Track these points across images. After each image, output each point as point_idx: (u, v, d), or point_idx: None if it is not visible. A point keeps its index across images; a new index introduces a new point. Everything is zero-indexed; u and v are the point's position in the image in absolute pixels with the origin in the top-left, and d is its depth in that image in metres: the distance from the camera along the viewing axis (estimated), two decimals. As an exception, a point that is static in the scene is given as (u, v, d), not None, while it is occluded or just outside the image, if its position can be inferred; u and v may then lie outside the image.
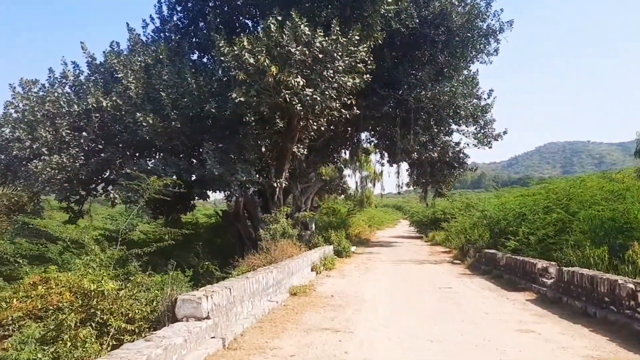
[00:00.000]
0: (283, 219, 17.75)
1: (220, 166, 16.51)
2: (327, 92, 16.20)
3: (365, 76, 17.21)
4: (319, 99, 16.06)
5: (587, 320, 8.21)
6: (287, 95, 15.65)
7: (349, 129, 27.73)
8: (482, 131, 26.02)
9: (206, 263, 17.78)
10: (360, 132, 27.96)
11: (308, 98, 15.86)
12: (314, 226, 24.18)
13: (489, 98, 26.18)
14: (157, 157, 19.07)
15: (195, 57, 23.71)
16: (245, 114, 16.77)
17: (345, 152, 31.05)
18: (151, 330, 6.56)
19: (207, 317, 6.48)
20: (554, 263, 12.04)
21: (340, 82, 16.65)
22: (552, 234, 16.09)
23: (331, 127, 25.54)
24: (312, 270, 14.86)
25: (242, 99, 15.56)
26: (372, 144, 31.61)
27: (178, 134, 17.15)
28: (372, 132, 29.85)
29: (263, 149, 21.18)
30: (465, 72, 25.71)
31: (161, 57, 18.72)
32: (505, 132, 26.60)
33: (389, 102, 24.08)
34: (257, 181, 18.89)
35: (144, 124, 16.51)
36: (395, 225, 64.93)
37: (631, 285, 7.65)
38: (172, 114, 16.65)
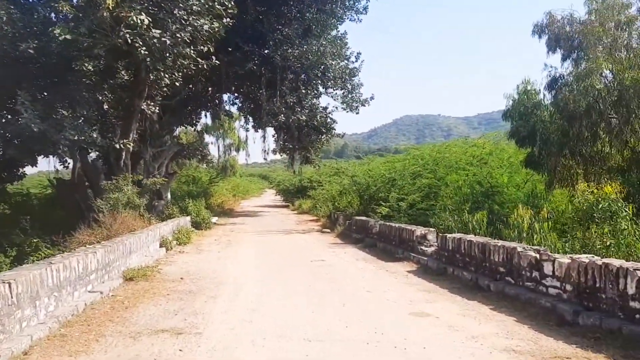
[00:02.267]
0: (128, 186, 14.80)
1: (42, 122, 13.03)
2: (178, 35, 13.46)
3: (225, 20, 14.71)
4: (168, 42, 13.27)
5: (483, 295, 6.96)
6: (128, 36, 12.63)
7: (210, 88, 24.94)
8: (350, 95, 24.92)
9: (35, 240, 14.43)
10: (223, 92, 25.22)
11: (155, 41, 12.99)
12: (169, 195, 21.30)
13: (356, 61, 25.13)
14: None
15: None
16: (74, 57, 13.39)
17: (206, 115, 28.19)
18: None
19: (-47, 337, 3.91)
20: (432, 229, 10.97)
21: (196, 25, 13.99)
22: (419, 199, 15.43)
23: (190, 86, 22.61)
24: (161, 246, 12.31)
25: (68, 36, 12.23)
26: (236, 107, 29.08)
27: (-17, 80, 13.24)
28: (236, 94, 27.31)
29: (106, 106, 17.77)
30: (333, 32, 24.24)
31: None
32: (372, 98, 25.76)
33: (254, 59, 21.74)
34: (95, 142, 15.58)
35: None
36: (261, 194, 63.10)
37: (533, 254, 6.49)
38: (-29, 53, 12.73)
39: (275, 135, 28.22)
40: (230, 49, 21.10)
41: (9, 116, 14.58)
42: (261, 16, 21.78)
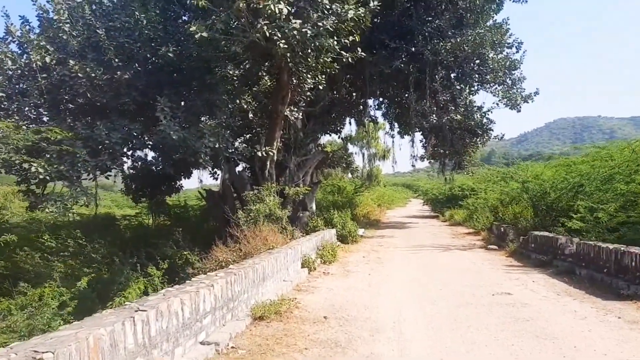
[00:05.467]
0: (271, 197, 13.14)
1: (181, 129, 11.86)
2: (320, 24, 11.39)
3: (372, 4, 12.33)
4: (309, 33, 11.24)
5: None
6: (265, 29, 10.87)
7: (354, 93, 22.91)
8: (511, 91, 20.98)
9: (185, 253, 13.40)
10: (367, 97, 22.91)
11: (295, 32, 11.04)
12: (314, 206, 19.50)
13: (517, 52, 21.15)
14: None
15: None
16: (212, 58, 12.11)
17: (350, 122, 26.18)
18: None
19: None
20: (680, 255, 7.27)
21: (339, 12, 11.84)
22: (611, 211, 11.40)
23: (334, 92, 20.79)
24: (303, 266, 10.19)
25: (204, 34, 10.83)
26: (381, 112, 26.66)
27: (127, 89, 12.47)
28: (381, 99, 24.87)
29: (250, 115, 16.59)
30: (489, 22, 20.62)
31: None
32: (537, 93, 21.42)
33: (401, 56, 19.11)
34: (237, 150, 14.25)
35: (79, 74, 11.91)
36: (406, 204, 59.59)
37: None
38: (116, 61, 11.99)
39: (424, 140, 25.21)
40: (374, 50, 18.82)
41: (154, 126, 13.82)
42: (409, 11, 19.21)
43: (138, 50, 12.51)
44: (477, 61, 19.77)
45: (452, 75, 20.50)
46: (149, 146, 13.78)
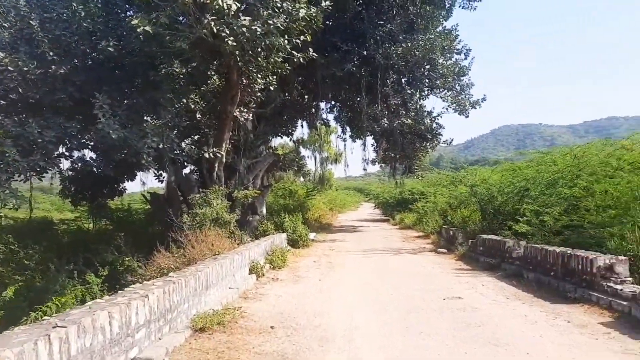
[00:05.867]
0: (219, 200, 12.65)
1: (122, 128, 11.18)
2: (270, 23, 11.05)
3: (324, 4, 12.12)
4: (259, 31, 10.90)
5: None
6: (213, 25, 10.42)
7: (306, 96, 22.64)
8: (459, 97, 21.37)
9: (127, 259, 12.66)
10: (319, 100, 22.75)
11: (244, 29, 10.67)
12: (264, 210, 19.06)
13: (466, 58, 21.59)
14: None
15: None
16: (155, 54, 11.53)
17: (302, 125, 25.91)
18: None
19: None
20: (622, 258, 7.35)
21: (290, 11, 11.55)
22: (556, 214, 11.67)
23: (285, 94, 20.45)
24: (251, 272, 9.78)
25: (147, 28, 10.24)
26: (333, 115, 26.58)
27: (64, 84, 11.67)
28: (333, 102, 24.76)
29: (198, 115, 15.97)
30: (439, 28, 20.93)
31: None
32: (484, 99, 21.96)
33: (353, 59, 19.06)
34: (183, 151, 13.64)
35: (10, 68, 11.02)
36: (357, 208, 59.93)
37: None
38: (51, 54, 11.20)
39: (375, 144, 25.31)
40: (326, 53, 18.67)
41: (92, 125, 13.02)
42: (361, 14, 19.18)
43: (76, 44, 11.76)
44: (428, 66, 19.98)
45: (403, 79, 20.66)
46: (89, 146, 12.98)
